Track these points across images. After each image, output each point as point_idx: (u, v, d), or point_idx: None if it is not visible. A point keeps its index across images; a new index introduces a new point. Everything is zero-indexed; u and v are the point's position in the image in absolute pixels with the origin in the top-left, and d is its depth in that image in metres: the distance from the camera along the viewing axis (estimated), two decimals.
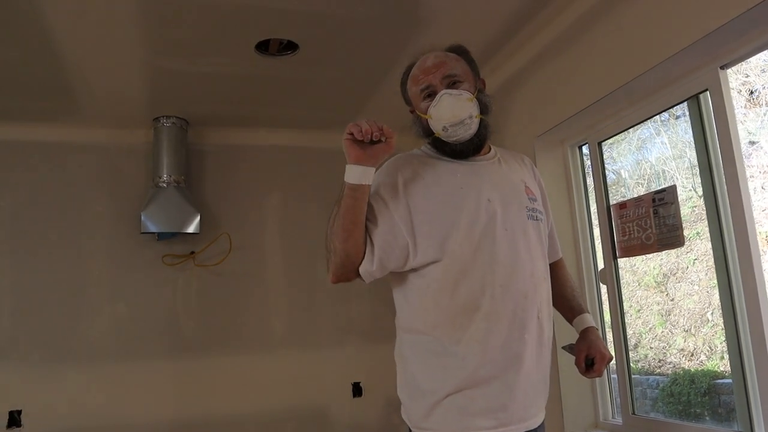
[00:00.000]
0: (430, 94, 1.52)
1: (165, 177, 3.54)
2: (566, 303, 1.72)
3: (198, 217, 3.53)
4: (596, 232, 2.82)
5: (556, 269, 1.73)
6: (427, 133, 1.55)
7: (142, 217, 3.43)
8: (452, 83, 1.52)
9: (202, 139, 3.87)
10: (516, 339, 1.42)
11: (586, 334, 1.65)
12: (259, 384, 3.71)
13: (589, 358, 1.60)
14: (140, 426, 3.47)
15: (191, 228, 3.52)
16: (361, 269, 1.43)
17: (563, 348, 1.71)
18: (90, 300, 3.55)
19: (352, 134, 1.35)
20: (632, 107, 2.47)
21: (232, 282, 3.78)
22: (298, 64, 2.96)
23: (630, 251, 2.47)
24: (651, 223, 2.35)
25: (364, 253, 1.42)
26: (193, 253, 3.72)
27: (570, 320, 1.71)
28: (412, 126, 1.61)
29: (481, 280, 1.42)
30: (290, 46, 2.79)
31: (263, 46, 2.78)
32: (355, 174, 1.36)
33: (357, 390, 3.88)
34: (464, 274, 1.42)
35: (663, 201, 2.31)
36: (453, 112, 1.47)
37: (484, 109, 1.53)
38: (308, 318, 3.88)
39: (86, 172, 3.67)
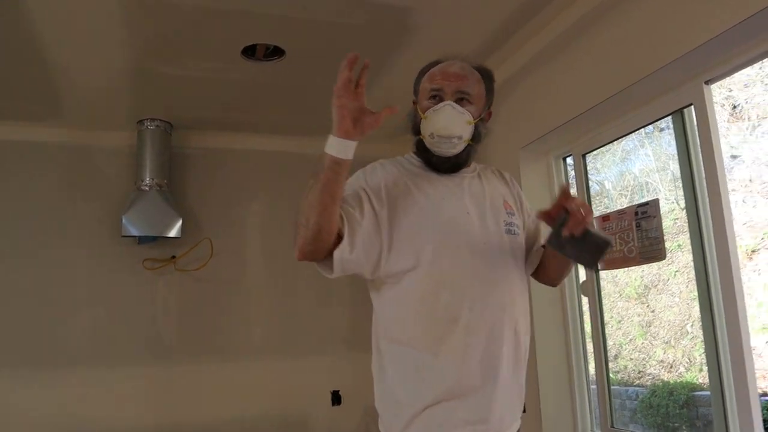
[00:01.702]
0: (437, 97, 1.52)
1: (147, 180, 3.50)
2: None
3: (180, 222, 3.50)
4: None
5: None
6: (416, 130, 1.54)
7: (123, 221, 3.39)
8: (461, 99, 1.51)
9: (186, 142, 3.84)
10: (493, 352, 1.41)
11: None
12: (237, 391, 3.67)
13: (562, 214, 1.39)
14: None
15: (173, 232, 3.49)
16: (337, 254, 1.37)
17: (549, 243, 1.45)
18: (68, 303, 3.50)
19: (343, 101, 1.28)
20: (617, 120, 2.49)
21: (213, 287, 3.75)
22: (284, 69, 2.94)
23: (612, 264, 2.48)
24: (633, 236, 2.36)
25: (339, 233, 1.37)
26: (174, 257, 3.68)
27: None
28: (407, 116, 1.60)
29: (459, 293, 1.41)
30: (277, 52, 2.78)
31: (250, 51, 2.77)
32: (342, 147, 1.30)
33: (336, 398, 3.85)
34: (442, 285, 1.41)
35: (646, 214, 2.32)
36: (446, 125, 1.47)
37: (476, 136, 1.54)
38: (288, 325, 3.86)
39: (68, 174, 3.63)
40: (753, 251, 6.08)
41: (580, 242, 1.38)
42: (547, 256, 1.60)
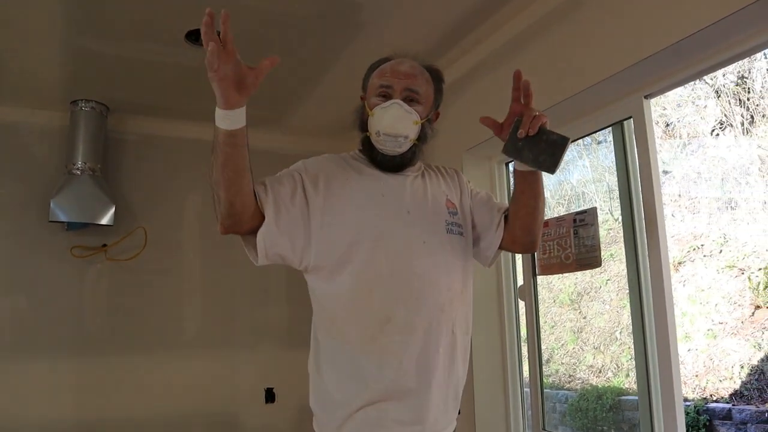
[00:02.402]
0: (385, 95, 1.50)
1: (79, 164, 3.34)
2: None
3: (113, 209, 3.36)
4: None
5: None
6: (363, 127, 1.53)
7: (52, 205, 3.23)
8: (409, 99, 1.50)
9: (123, 127, 3.69)
10: (430, 352, 1.41)
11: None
12: (167, 386, 3.56)
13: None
14: (36, 427, 3.24)
15: (104, 219, 3.34)
16: (259, 236, 1.36)
17: (505, 150, 1.39)
18: None
19: (221, 72, 1.23)
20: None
21: (145, 279, 3.62)
22: None
23: (549, 269, 2.52)
24: (571, 242, 2.40)
25: (253, 203, 1.35)
26: (104, 245, 3.53)
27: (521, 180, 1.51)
28: (354, 112, 1.58)
29: (396, 292, 1.40)
30: None
31: (194, 35, 2.68)
32: (233, 118, 1.28)
33: (270, 396, 3.78)
34: (376, 284, 1.40)
35: (583, 222, 2.37)
36: (393, 123, 1.46)
37: (422, 137, 1.53)
38: (223, 320, 3.77)
39: None
40: (679, 263, 6.36)
41: (537, 143, 1.33)
42: (513, 207, 1.53)
